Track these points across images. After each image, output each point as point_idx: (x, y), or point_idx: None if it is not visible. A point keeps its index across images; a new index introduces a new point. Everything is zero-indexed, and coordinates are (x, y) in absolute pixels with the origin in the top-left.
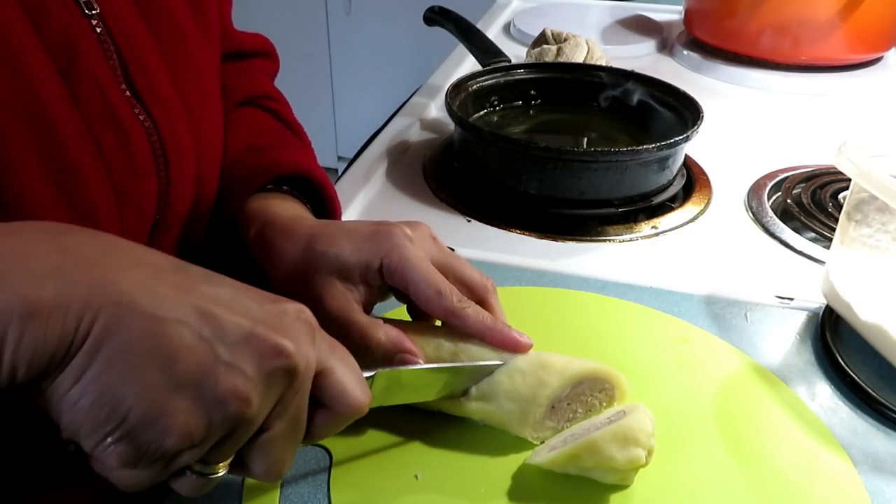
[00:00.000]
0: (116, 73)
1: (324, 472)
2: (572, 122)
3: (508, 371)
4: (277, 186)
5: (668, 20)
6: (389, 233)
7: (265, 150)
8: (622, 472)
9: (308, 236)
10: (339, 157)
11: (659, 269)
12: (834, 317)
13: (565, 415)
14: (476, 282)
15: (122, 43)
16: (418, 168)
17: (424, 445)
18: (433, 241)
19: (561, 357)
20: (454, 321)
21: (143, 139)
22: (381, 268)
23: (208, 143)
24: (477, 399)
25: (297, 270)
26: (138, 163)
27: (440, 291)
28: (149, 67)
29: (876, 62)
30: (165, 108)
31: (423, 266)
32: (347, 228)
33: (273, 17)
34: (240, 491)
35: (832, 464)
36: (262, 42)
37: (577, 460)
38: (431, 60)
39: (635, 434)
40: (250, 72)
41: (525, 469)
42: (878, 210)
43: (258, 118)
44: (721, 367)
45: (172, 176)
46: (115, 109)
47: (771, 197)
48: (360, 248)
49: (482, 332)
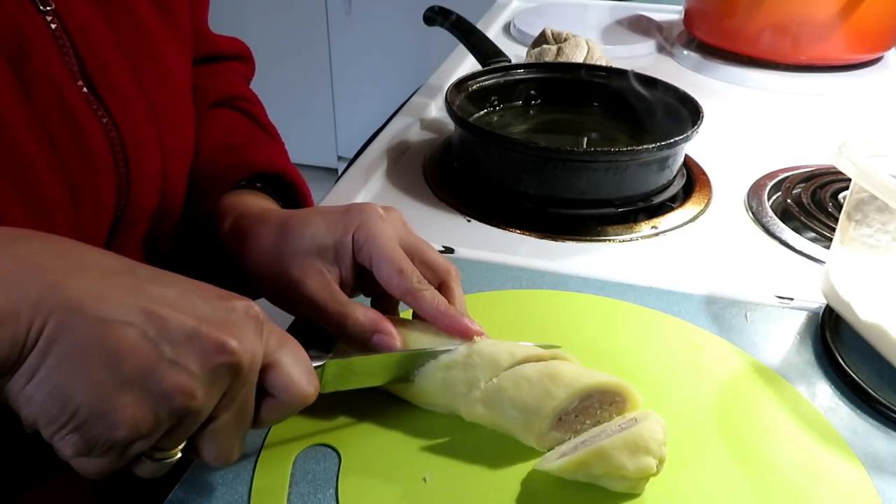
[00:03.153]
0: (73, 69)
1: (332, 473)
2: (572, 122)
3: (515, 377)
4: (251, 184)
5: (668, 20)
6: (360, 209)
7: (240, 149)
8: (632, 480)
9: (282, 221)
10: (339, 157)
11: (659, 269)
12: (834, 317)
13: (572, 426)
14: (440, 266)
15: (78, 40)
16: (418, 168)
17: (434, 449)
18: (404, 225)
19: (571, 366)
20: (410, 301)
21: (100, 136)
22: (353, 244)
23: (175, 141)
24: (483, 405)
25: (274, 255)
26: (95, 159)
27: (402, 270)
28: (108, 64)
29: (876, 62)
30: (125, 105)
31: (389, 244)
32: (321, 211)
33: (273, 17)
34: (248, 492)
35: (845, 474)
36: (238, 46)
37: (586, 467)
38: (431, 60)
39: (646, 442)
40: (225, 73)
41: (534, 475)
42: (878, 210)
43: (232, 118)
44: (734, 375)
45: (133, 173)
46: (71, 106)
47: (771, 197)
48: (334, 225)
49: (434, 315)
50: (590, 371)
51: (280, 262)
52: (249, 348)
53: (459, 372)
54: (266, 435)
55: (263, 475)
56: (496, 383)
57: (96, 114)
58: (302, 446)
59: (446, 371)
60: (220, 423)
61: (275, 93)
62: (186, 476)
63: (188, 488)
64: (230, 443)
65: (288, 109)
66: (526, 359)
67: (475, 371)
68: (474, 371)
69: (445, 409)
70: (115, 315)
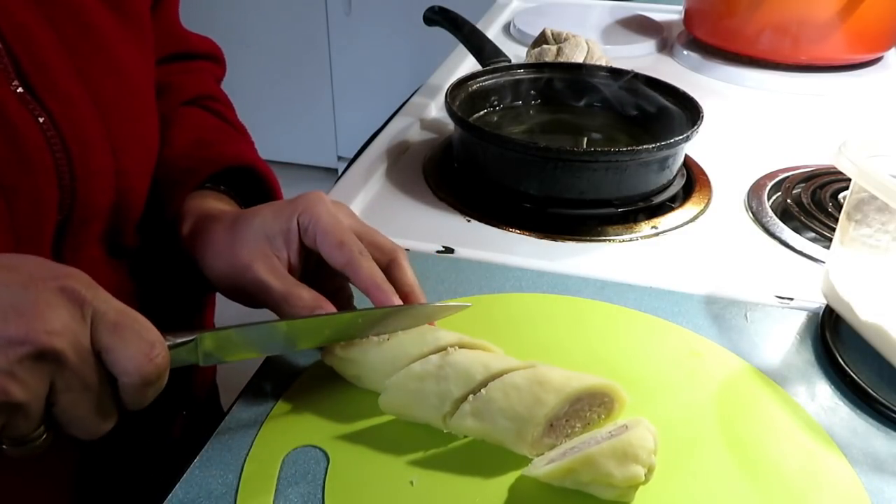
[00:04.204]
0: (6, 69)
1: (320, 474)
2: (572, 122)
3: (503, 387)
4: (215, 186)
5: (668, 20)
6: (305, 196)
7: (212, 145)
8: (620, 488)
9: (234, 217)
10: (339, 157)
11: (659, 269)
12: (834, 317)
13: (563, 431)
14: (387, 245)
15: (11, 39)
16: (418, 168)
17: (422, 452)
18: (352, 215)
19: (558, 371)
20: (350, 273)
21: (36, 135)
22: (298, 227)
23: (129, 138)
24: (473, 416)
25: (225, 246)
26: (31, 159)
27: (343, 242)
28: (46, 63)
29: (876, 62)
30: (67, 104)
31: (331, 220)
32: (271, 203)
33: (273, 17)
34: (235, 493)
35: (841, 481)
36: (210, 46)
37: (574, 474)
38: (431, 60)
39: (635, 450)
40: (197, 72)
41: (521, 481)
42: (878, 210)
43: (202, 117)
44: (731, 383)
45: (78, 171)
46: (2, 107)
47: (771, 197)
48: (280, 212)
49: (369, 286)
50: (577, 374)
51: (232, 252)
52: (63, 331)
53: (432, 384)
54: (256, 435)
55: (251, 475)
56: (485, 394)
57: (32, 113)
58: (290, 447)
59: (418, 382)
60: (64, 405)
61: (275, 93)
62: (187, 476)
63: (188, 488)
64: (87, 420)
65: (288, 109)
66: (501, 371)
67: (447, 384)
68: (447, 383)
69: (419, 421)
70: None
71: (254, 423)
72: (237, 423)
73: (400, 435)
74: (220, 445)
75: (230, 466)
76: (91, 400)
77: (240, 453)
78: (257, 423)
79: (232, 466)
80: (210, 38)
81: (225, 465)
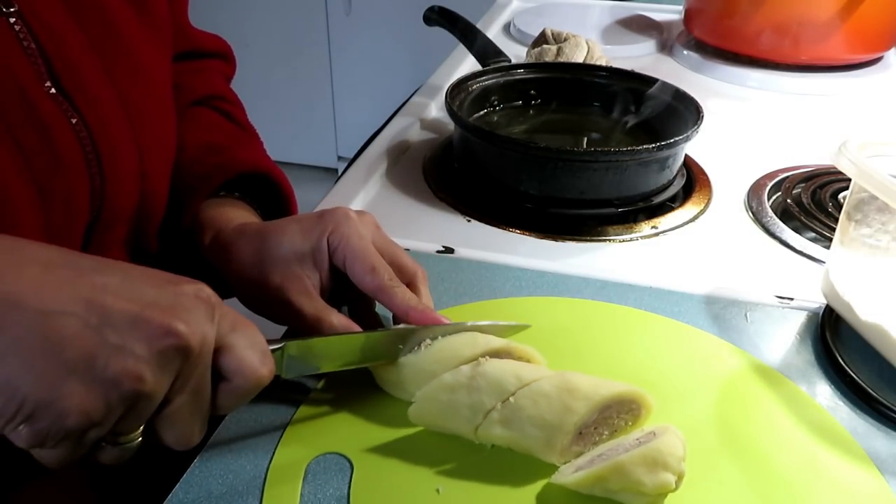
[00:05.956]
0: (39, 70)
1: (344, 481)
2: (572, 122)
3: (532, 395)
4: (230, 192)
5: (668, 20)
6: (333, 213)
7: (224, 150)
8: (650, 496)
9: (261, 232)
10: (339, 157)
11: (659, 269)
12: (834, 317)
13: (591, 438)
14: (408, 267)
15: (44, 41)
16: (418, 168)
17: (448, 460)
18: (376, 227)
19: (587, 379)
20: (382, 298)
21: (69, 136)
22: (328, 247)
23: (152, 139)
24: (501, 424)
25: (254, 264)
26: (65, 159)
27: (374, 268)
28: (78, 65)
29: (876, 62)
30: (97, 106)
31: (361, 243)
32: (297, 218)
33: (273, 16)
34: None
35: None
36: (219, 44)
37: (603, 482)
38: (431, 60)
39: (665, 458)
40: (206, 71)
41: (549, 488)
42: (878, 210)
43: (213, 119)
44: (755, 388)
45: (107, 172)
46: (37, 107)
47: (771, 197)
48: (309, 231)
49: (405, 311)
50: (605, 381)
51: (261, 271)
52: (198, 330)
53: (464, 395)
54: (278, 442)
55: (275, 482)
56: (513, 402)
57: (65, 114)
58: (314, 454)
59: (450, 393)
60: (176, 406)
61: (275, 93)
62: (186, 476)
63: (188, 488)
64: (188, 426)
65: (288, 109)
66: (533, 380)
67: (480, 395)
68: (479, 395)
69: (449, 432)
70: (55, 306)
71: (254, 422)
72: (237, 423)
73: (425, 443)
74: (221, 446)
75: (230, 466)
76: (198, 405)
77: (240, 453)
78: (258, 423)
79: (232, 466)
80: (219, 36)
81: (225, 465)
